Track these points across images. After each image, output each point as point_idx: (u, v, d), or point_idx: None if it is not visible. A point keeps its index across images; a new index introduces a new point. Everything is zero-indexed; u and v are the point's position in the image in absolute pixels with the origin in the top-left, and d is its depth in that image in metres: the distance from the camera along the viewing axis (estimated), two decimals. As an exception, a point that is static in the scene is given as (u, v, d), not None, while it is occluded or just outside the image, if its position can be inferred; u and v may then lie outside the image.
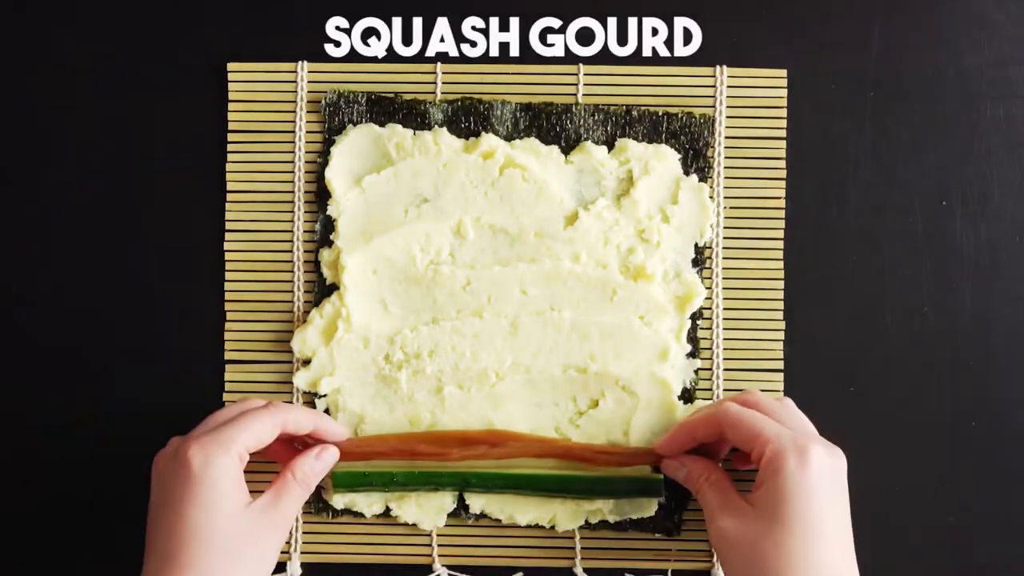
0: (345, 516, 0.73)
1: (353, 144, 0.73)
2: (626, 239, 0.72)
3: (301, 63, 0.74)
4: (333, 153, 0.73)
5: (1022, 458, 0.73)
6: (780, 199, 0.74)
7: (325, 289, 0.74)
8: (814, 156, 0.74)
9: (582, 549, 0.73)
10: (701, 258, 0.73)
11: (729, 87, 0.74)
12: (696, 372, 0.73)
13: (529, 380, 0.72)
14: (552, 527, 0.73)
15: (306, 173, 0.74)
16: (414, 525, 0.73)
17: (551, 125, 0.74)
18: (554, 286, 0.72)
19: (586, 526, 0.73)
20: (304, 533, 0.74)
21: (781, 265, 0.74)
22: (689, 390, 0.73)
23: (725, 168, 0.74)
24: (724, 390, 0.73)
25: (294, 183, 0.74)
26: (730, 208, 0.74)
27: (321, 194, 0.74)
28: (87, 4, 0.75)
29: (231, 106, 0.74)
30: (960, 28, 0.74)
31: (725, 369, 0.73)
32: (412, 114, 0.74)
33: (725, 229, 0.74)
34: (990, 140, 0.74)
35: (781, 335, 0.74)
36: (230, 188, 0.74)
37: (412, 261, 0.72)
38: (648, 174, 0.72)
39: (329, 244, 0.73)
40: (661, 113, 0.73)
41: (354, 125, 0.74)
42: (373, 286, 0.73)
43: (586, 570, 0.73)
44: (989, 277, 0.74)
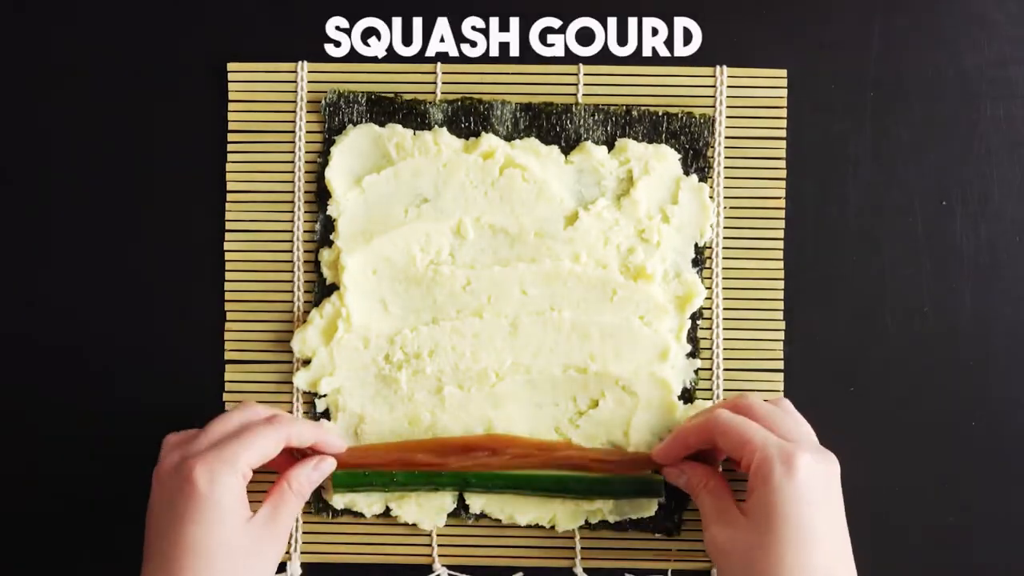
0: (345, 516, 0.73)
1: (353, 144, 0.73)
2: (626, 239, 0.72)
3: (301, 63, 0.74)
4: (333, 153, 0.73)
5: (1022, 458, 0.73)
6: (780, 199, 0.74)
7: (325, 289, 0.74)
8: (814, 156, 0.74)
9: (582, 549, 0.73)
10: (701, 258, 0.73)
11: (729, 87, 0.74)
12: (696, 372, 0.73)
13: (529, 380, 0.72)
14: (552, 527, 0.73)
15: (306, 173, 0.74)
16: (414, 525, 0.73)
17: (551, 125, 0.74)
18: (554, 286, 0.72)
19: (586, 526, 0.73)
20: (304, 533, 0.74)
21: (781, 265, 0.74)
22: (689, 390, 0.73)
23: (725, 168, 0.74)
24: (724, 390, 0.73)
25: (294, 183, 0.74)
26: (730, 208, 0.74)
27: (321, 194, 0.74)
28: (87, 4, 0.75)
29: (231, 106, 0.74)
30: (960, 28, 0.74)
31: (725, 369, 0.73)
32: (412, 114, 0.74)
33: (725, 229, 0.74)
34: (990, 140, 0.74)
35: (781, 335, 0.74)
36: (230, 188, 0.74)
37: (412, 261, 0.72)
38: (648, 174, 0.72)
39: (329, 244, 0.73)
40: (661, 113, 0.73)
41: (354, 125, 0.74)
42: (373, 286, 0.73)
43: (586, 570, 0.73)
44: (989, 277, 0.74)
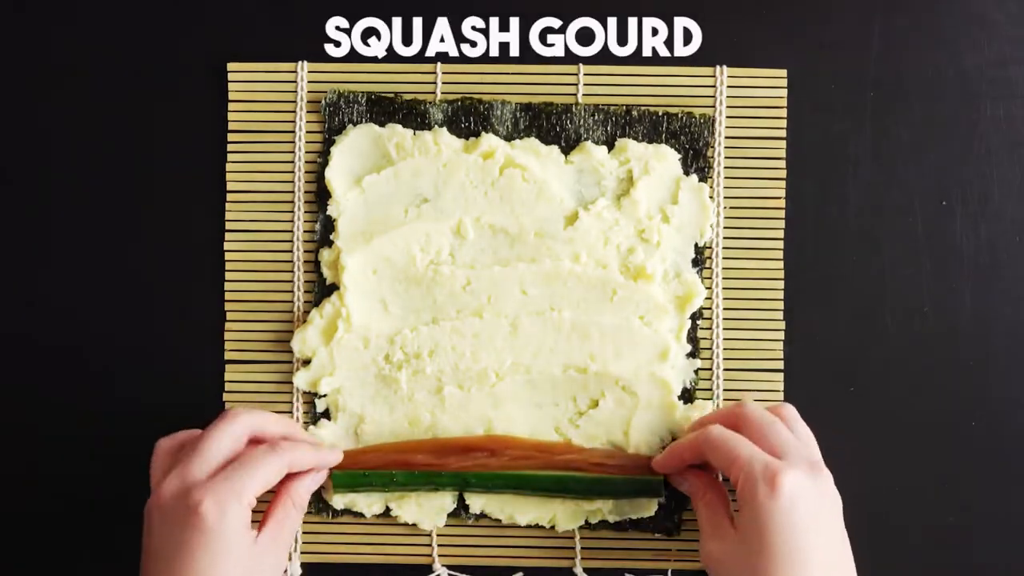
0: (345, 516, 0.73)
1: (353, 144, 0.73)
2: (626, 239, 0.72)
3: (301, 63, 0.74)
4: (333, 153, 0.73)
5: (1022, 458, 0.73)
6: (780, 199, 0.74)
7: (325, 289, 0.74)
8: (814, 156, 0.74)
9: (582, 549, 0.73)
10: (701, 258, 0.73)
11: (729, 87, 0.74)
12: (696, 372, 0.73)
13: (529, 380, 0.72)
14: (552, 527, 0.73)
15: (306, 173, 0.74)
16: (414, 525, 0.73)
17: (551, 125, 0.74)
18: (554, 286, 0.72)
19: (586, 526, 0.73)
20: (304, 533, 0.74)
21: (781, 265, 0.74)
22: (689, 390, 0.73)
23: (725, 168, 0.74)
24: (724, 390, 0.73)
25: (294, 183, 0.74)
26: (730, 208, 0.74)
27: (321, 194, 0.74)
28: (87, 4, 0.75)
29: (231, 106, 0.74)
30: (960, 28, 0.74)
31: (725, 369, 0.73)
32: (412, 114, 0.74)
33: (725, 229, 0.74)
34: (990, 140, 0.74)
35: (781, 335, 0.74)
36: (230, 188, 0.74)
37: (412, 261, 0.72)
38: (648, 174, 0.72)
39: (329, 244, 0.73)
40: (661, 113, 0.73)
41: (354, 125, 0.74)
42: (373, 286, 0.73)
43: (586, 570, 0.73)
44: (989, 277, 0.74)
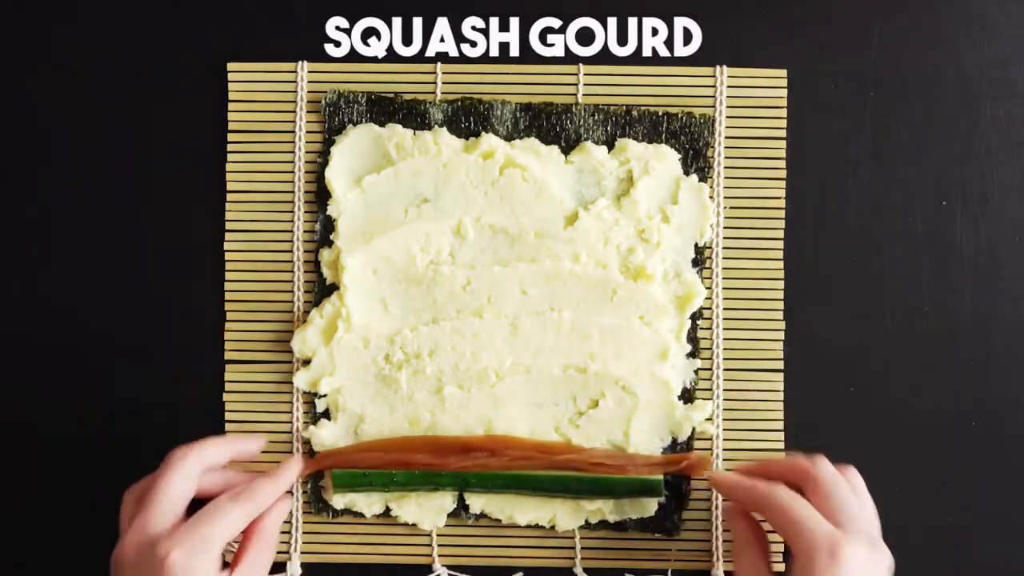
0: (345, 516, 0.73)
1: (353, 144, 0.73)
2: (626, 239, 0.72)
3: (301, 63, 0.74)
4: (333, 153, 0.73)
5: (1022, 458, 0.73)
6: (780, 199, 0.74)
7: (325, 289, 0.74)
8: (814, 156, 0.74)
9: (582, 549, 0.73)
10: (701, 258, 0.73)
11: (729, 87, 0.74)
12: (696, 372, 0.73)
13: (529, 380, 0.72)
14: (552, 527, 0.73)
15: (306, 173, 0.74)
16: (414, 525, 0.73)
17: (551, 125, 0.74)
18: (554, 286, 0.72)
19: (586, 526, 0.73)
20: (304, 533, 0.74)
21: (781, 265, 0.74)
22: (689, 390, 0.73)
23: (725, 168, 0.74)
24: (724, 390, 0.73)
25: (294, 183, 0.74)
26: (730, 208, 0.74)
27: (321, 194, 0.74)
28: (87, 4, 0.75)
29: (231, 106, 0.74)
30: (960, 28, 0.74)
31: (725, 369, 0.73)
32: (412, 114, 0.74)
33: (725, 229, 0.74)
34: (990, 140, 0.74)
35: (781, 335, 0.74)
36: (230, 188, 0.74)
37: (412, 261, 0.72)
38: (648, 174, 0.72)
39: (329, 244, 0.73)
40: (661, 113, 0.73)
41: (354, 125, 0.74)
42: (373, 286, 0.73)
43: (586, 570, 0.73)
44: (989, 277, 0.74)
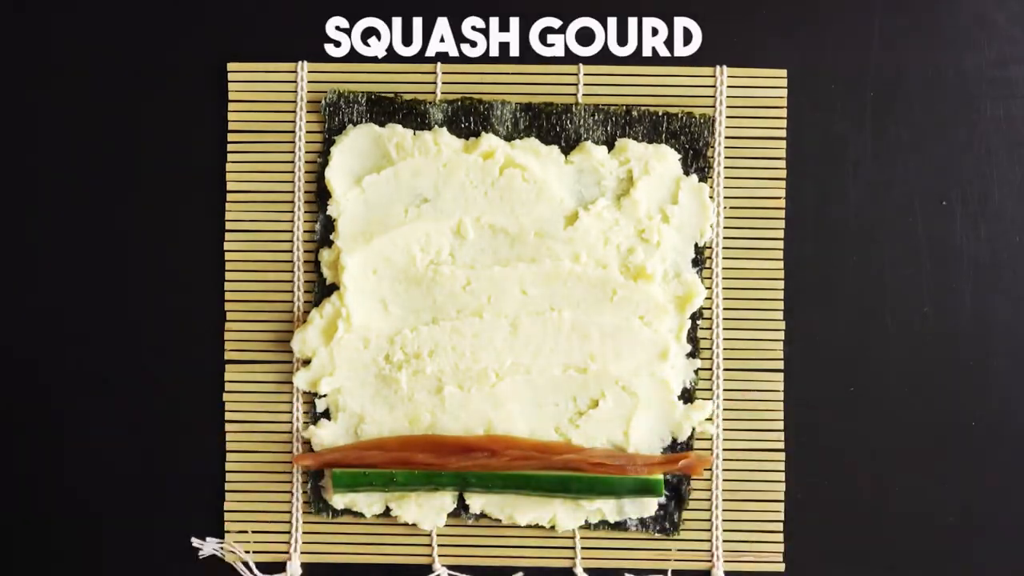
0: (345, 516, 0.73)
1: (353, 144, 0.73)
2: (626, 239, 0.72)
3: (301, 63, 0.74)
4: (333, 153, 0.73)
5: (1022, 458, 0.73)
6: (780, 199, 0.74)
7: (325, 289, 0.74)
8: (814, 156, 0.74)
9: (582, 549, 0.73)
10: (701, 258, 0.73)
11: (729, 87, 0.74)
12: (696, 372, 0.73)
13: (529, 380, 0.72)
14: (552, 527, 0.73)
15: (306, 173, 0.74)
16: (414, 525, 0.73)
17: (551, 125, 0.74)
18: (554, 286, 0.72)
19: (586, 526, 0.73)
20: (304, 533, 0.74)
21: (781, 265, 0.74)
22: (689, 390, 0.73)
23: (725, 168, 0.74)
24: (724, 390, 0.73)
25: (294, 183, 0.74)
26: (730, 208, 0.74)
27: (321, 194, 0.74)
28: (87, 4, 0.75)
29: (231, 106, 0.74)
30: (960, 28, 0.74)
31: (725, 369, 0.73)
32: (412, 114, 0.74)
33: (725, 229, 0.74)
34: (990, 140, 0.74)
35: (781, 335, 0.74)
36: (230, 188, 0.74)
37: (412, 261, 0.72)
38: (648, 174, 0.72)
39: (329, 244, 0.73)
40: (661, 113, 0.73)
41: (354, 125, 0.74)
42: (373, 286, 0.73)
43: (586, 570, 0.73)
44: (989, 277, 0.74)
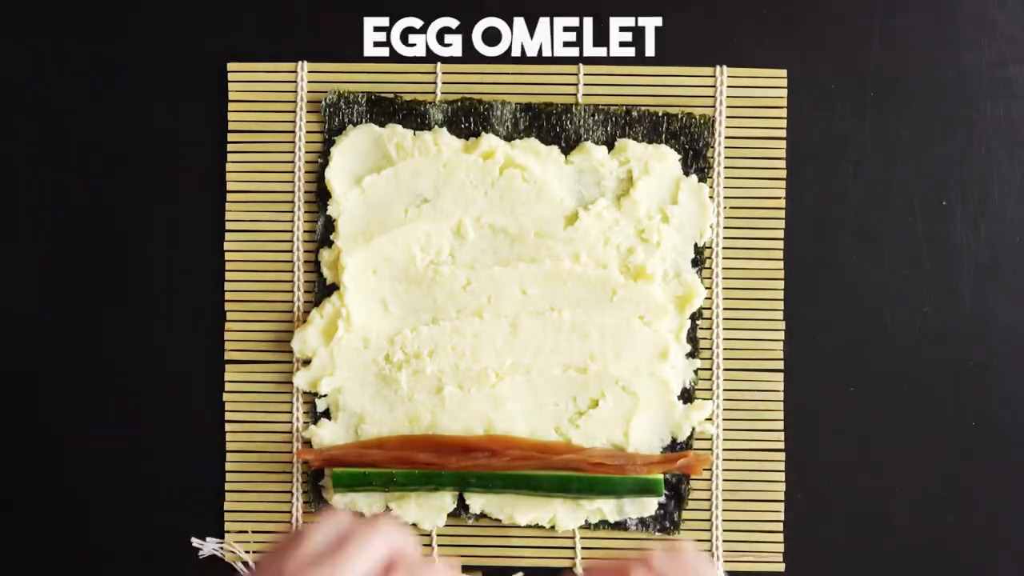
0: (345, 516, 0.73)
1: (353, 144, 0.73)
2: (626, 239, 0.72)
3: (301, 63, 0.74)
4: (333, 153, 0.73)
5: (1022, 458, 0.73)
6: (780, 199, 0.74)
7: (325, 289, 0.74)
8: (814, 156, 0.74)
9: (582, 549, 0.73)
10: (701, 258, 0.73)
11: (729, 87, 0.74)
12: (696, 372, 0.73)
13: (529, 380, 0.72)
14: (552, 527, 0.73)
15: (306, 173, 0.74)
16: (414, 525, 0.73)
17: (551, 125, 0.74)
18: (554, 286, 0.72)
19: (586, 526, 0.73)
20: (304, 533, 0.74)
21: (781, 265, 0.74)
22: (689, 390, 0.73)
23: (725, 168, 0.74)
24: (724, 390, 0.73)
25: (294, 183, 0.74)
26: (730, 208, 0.74)
27: (321, 194, 0.74)
28: (88, 4, 0.75)
29: (231, 106, 0.74)
30: (960, 28, 0.74)
31: (725, 369, 0.73)
32: (412, 114, 0.74)
33: (725, 229, 0.74)
34: (990, 140, 0.74)
35: (781, 335, 0.74)
36: (230, 188, 0.74)
37: (412, 261, 0.72)
38: (648, 174, 0.72)
39: (329, 244, 0.73)
40: (661, 113, 0.73)
41: (354, 125, 0.74)
42: (373, 286, 0.73)
43: (586, 570, 0.73)
44: (989, 277, 0.74)
